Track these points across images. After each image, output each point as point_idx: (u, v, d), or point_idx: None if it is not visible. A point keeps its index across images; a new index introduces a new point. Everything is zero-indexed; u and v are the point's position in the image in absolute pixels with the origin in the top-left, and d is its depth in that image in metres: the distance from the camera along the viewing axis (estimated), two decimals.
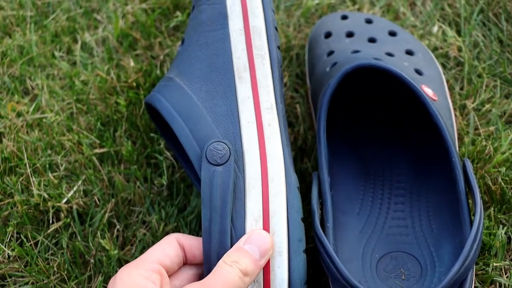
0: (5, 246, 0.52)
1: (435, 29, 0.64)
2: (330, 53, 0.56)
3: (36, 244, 0.53)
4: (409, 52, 0.56)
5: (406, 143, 0.52)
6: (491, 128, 0.56)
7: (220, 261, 0.39)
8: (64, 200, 0.54)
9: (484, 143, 0.54)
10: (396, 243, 0.47)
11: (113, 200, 0.54)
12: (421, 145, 0.51)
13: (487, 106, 0.58)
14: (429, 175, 0.50)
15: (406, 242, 0.47)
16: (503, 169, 0.53)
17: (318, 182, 0.46)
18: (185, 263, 0.43)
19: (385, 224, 0.49)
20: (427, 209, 0.49)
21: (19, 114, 0.60)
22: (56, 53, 0.65)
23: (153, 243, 0.51)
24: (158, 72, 0.62)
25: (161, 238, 0.48)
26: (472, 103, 0.58)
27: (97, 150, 0.57)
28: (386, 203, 0.50)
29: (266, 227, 0.41)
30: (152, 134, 0.57)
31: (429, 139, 0.51)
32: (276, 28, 0.48)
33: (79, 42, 0.66)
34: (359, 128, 0.54)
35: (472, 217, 0.43)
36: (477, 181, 0.52)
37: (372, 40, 0.57)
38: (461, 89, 0.60)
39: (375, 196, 0.50)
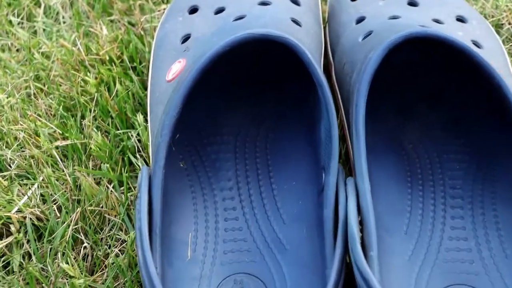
0: None
1: None
2: (361, 19, 0.44)
3: None
4: (461, 19, 0.44)
5: (462, 132, 0.40)
6: None
7: None
8: (15, 209, 0.41)
9: None
10: (457, 273, 0.35)
11: (79, 208, 0.41)
12: (484, 135, 0.39)
13: None
14: (495, 176, 0.38)
15: (470, 272, 0.35)
16: None
17: (357, 193, 0.34)
18: None
19: (441, 246, 0.37)
20: (496, 225, 0.37)
21: None
22: (14, 19, 0.53)
23: (129, 268, 0.39)
24: (138, 43, 0.49)
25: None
26: None
27: (59, 143, 0.44)
28: (441, 217, 0.38)
29: None
30: (132, 118, 0.45)
31: (494, 127, 0.39)
32: None
33: (42, 6, 0.54)
34: (396, 113, 0.42)
35: None
36: None
37: (412, 3, 0.44)
38: None
39: (425, 207, 0.38)
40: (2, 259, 0.40)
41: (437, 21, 0.43)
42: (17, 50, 0.53)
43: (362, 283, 0.30)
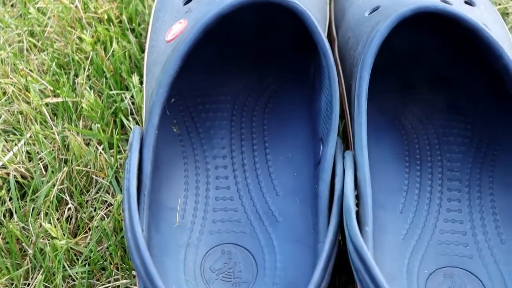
0: None
1: None
2: None
3: None
4: (469, 2, 0.43)
5: (463, 115, 0.39)
6: None
7: None
8: None
9: None
10: (451, 256, 0.35)
11: (66, 168, 0.40)
12: (486, 118, 0.39)
13: None
14: (494, 161, 0.38)
15: (464, 255, 0.35)
16: None
17: (355, 166, 0.33)
18: None
19: (436, 227, 0.36)
20: (493, 210, 0.36)
21: None
22: None
23: (114, 232, 0.38)
24: (138, 4, 0.47)
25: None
26: None
27: (49, 100, 0.42)
28: (437, 198, 0.37)
29: None
30: (127, 79, 0.43)
31: (498, 110, 0.38)
32: None
33: None
34: (398, 92, 0.41)
35: None
36: None
37: None
38: None
39: (422, 188, 0.37)
40: None
41: (445, 1, 0.42)
42: (12, 5, 0.51)
43: (355, 258, 0.29)
